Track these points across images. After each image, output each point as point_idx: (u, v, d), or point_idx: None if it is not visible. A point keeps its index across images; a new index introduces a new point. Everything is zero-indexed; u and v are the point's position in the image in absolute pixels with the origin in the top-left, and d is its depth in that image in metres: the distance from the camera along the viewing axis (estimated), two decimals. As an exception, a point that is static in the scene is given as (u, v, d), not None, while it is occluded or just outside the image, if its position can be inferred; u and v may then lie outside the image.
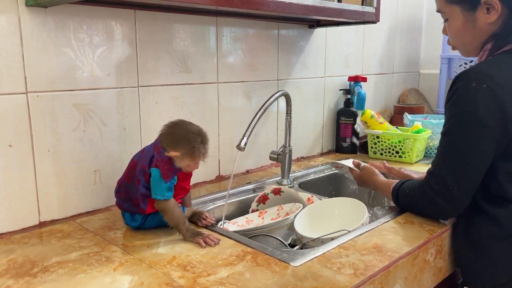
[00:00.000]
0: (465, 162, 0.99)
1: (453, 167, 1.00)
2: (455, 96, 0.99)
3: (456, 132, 0.99)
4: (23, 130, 1.02)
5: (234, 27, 1.44)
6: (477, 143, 0.97)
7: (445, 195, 1.01)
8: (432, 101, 2.41)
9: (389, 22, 2.18)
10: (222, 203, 1.25)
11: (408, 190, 1.11)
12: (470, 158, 0.98)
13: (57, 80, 1.06)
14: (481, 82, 0.95)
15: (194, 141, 0.96)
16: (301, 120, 1.75)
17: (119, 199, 1.06)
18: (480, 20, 1.03)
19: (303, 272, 0.84)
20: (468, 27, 1.05)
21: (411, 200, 1.11)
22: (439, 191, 1.02)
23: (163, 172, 0.97)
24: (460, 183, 1.00)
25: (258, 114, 1.21)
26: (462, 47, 1.11)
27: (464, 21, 1.05)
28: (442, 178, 1.01)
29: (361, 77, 1.88)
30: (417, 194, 1.08)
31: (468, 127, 0.97)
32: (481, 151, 0.97)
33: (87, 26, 1.09)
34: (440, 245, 1.04)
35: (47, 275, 0.84)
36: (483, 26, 1.03)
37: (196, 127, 1.00)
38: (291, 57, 1.66)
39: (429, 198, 1.04)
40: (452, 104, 1.00)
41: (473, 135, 0.97)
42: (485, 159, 0.98)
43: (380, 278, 0.85)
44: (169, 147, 0.97)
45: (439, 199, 1.02)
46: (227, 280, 0.81)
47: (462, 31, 1.07)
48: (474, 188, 1.01)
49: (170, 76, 1.29)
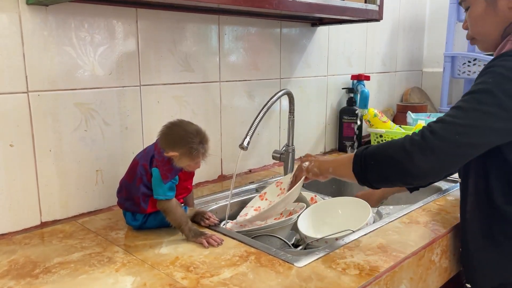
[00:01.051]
0: (483, 126, 0.87)
1: (469, 124, 0.86)
2: (499, 66, 0.89)
3: (490, 91, 0.87)
4: (24, 130, 1.01)
5: (236, 26, 1.43)
6: (500, 115, 0.86)
7: (449, 141, 0.86)
8: (435, 100, 2.40)
9: (392, 20, 2.16)
10: (225, 203, 1.24)
11: (385, 145, 0.93)
12: (488, 126, 0.87)
13: (59, 79, 1.05)
14: None
15: (192, 141, 0.95)
16: (304, 119, 1.74)
17: (120, 199, 1.05)
18: (501, 4, 0.98)
19: (308, 273, 0.83)
20: (489, 12, 1.01)
21: (388, 155, 0.90)
22: (444, 136, 0.86)
23: (162, 173, 0.96)
24: (452, 148, 0.86)
25: (260, 113, 1.20)
26: (482, 37, 1.06)
27: (485, 7, 1.01)
28: (451, 124, 0.87)
29: (364, 75, 1.87)
30: (401, 143, 0.89)
31: (503, 96, 0.86)
32: (497, 128, 0.87)
33: (88, 25, 1.09)
34: (445, 245, 1.03)
35: (48, 276, 0.83)
36: (504, 11, 0.99)
37: (195, 127, 0.98)
38: (293, 56, 1.65)
39: (425, 141, 0.86)
40: (492, 72, 0.90)
41: (503, 105, 0.86)
42: (494, 139, 0.89)
43: (386, 279, 0.84)
44: (167, 147, 0.96)
45: (439, 143, 0.86)
46: (230, 281, 0.80)
47: (483, 17, 1.02)
48: (464, 161, 0.91)
49: (172, 75, 1.28)
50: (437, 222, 1.07)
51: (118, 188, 1.06)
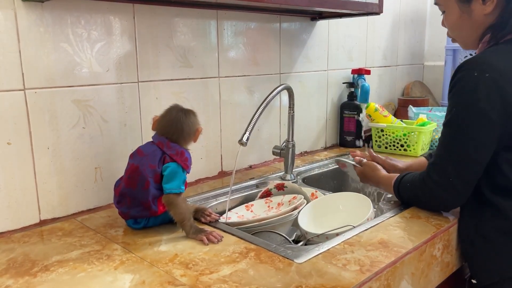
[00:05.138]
0: (466, 153, 0.97)
1: (454, 158, 0.99)
2: (457, 86, 0.98)
3: (458, 123, 0.98)
4: (22, 128, 1.01)
5: (235, 21, 1.41)
6: (479, 134, 0.96)
7: (446, 186, 1.00)
8: (437, 94, 2.38)
9: (393, 14, 2.14)
10: (225, 199, 1.24)
11: (409, 183, 1.10)
12: (472, 150, 0.97)
13: (56, 76, 1.04)
14: (483, 72, 0.93)
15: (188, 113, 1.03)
16: (304, 114, 1.73)
17: (123, 208, 1.01)
18: (476, 12, 1.02)
19: (308, 269, 0.82)
20: (464, 19, 1.04)
21: (413, 193, 1.09)
22: (440, 182, 1.01)
23: (183, 164, 0.98)
24: (461, 174, 0.98)
25: (260, 109, 1.19)
26: (460, 40, 1.10)
27: (460, 13, 1.04)
28: (443, 169, 1.00)
29: (364, 70, 1.85)
30: (418, 186, 1.07)
31: (470, 118, 0.96)
32: (483, 143, 0.96)
33: (85, 21, 1.08)
34: (447, 240, 1.02)
35: (47, 275, 0.82)
36: (479, 18, 1.02)
37: (175, 110, 1.02)
38: (293, 50, 1.64)
39: (430, 190, 1.04)
40: (454, 94, 0.99)
41: (475, 126, 0.96)
42: (487, 151, 0.97)
43: (387, 274, 0.83)
44: (187, 134, 1.01)
45: (439, 190, 1.02)
46: (230, 278, 0.80)
47: (458, 23, 1.06)
48: (475, 179, 1.00)
49: (170, 71, 1.27)
50: (438, 217, 1.06)
51: (117, 198, 1.02)
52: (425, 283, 0.97)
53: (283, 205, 1.23)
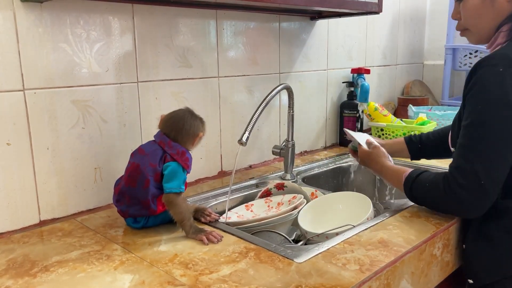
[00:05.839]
0: (500, 153, 0.91)
1: (486, 160, 0.91)
2: (480, 83, 0.92)
3: (485, 121, 0.91)
4: (21, 128, 1.01)
5: (234, 21, 1.41)
6: (510, 129, 0.90)
7: (476, 191, 0.92)
8: (436, 93, 2.38)
9: (392, 13, 2.14)
10: (225, 199, 1.24)
11: (429, 183, 1.01)
12: (505, 149, 0.91)
13: (55, 77, 1.04)
14: (508, 66, 0.90)
15: (195, 116, 1.05)
16: (304, 113, 1.73)
17: (122, 207, 1.02)
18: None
19: (308, 269, 0.82)
20: (486, 5, 0.99)
21: (431, 194, 1.01)
22: (469, 187, 0.92)
23: (184, 164, 0.98)
24: (491, 175, 0.91)
25: (260, 108, 1.19)
26: (475, 30, 1.04)
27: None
28: (472, 172, 0.92)
29: (364, 69, 1.85)
30: (440, 189, 0.97)
31: (499, 113, 0.90)
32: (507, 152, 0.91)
33: (84, 21, 1.08)
34: (447, 239, 1.02)
35: (46, 275, 0.82)
36: (503, 5, 0.97)
37: (183, 110, 1.04)
38: (292, 50, 1.64)
39: (456, 194, 0.94)
40: (477, 92, 0.93)
41: (507, 122, 0.90)
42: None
43: (387, 274, 0.83)
44: (190, 136, 1.01)
45: (467, 195, 0.93)
46: (229, 278, 0.80)
47: (479, 9, 1.00)
48: (503, 180, 0.93)
49: (170, 71, 1.27)
50: (438, 216, 1.05)
51: (117, 197, 1.02)
52: (425, 283, 0.96)
53: (283, 205, 1.23)
